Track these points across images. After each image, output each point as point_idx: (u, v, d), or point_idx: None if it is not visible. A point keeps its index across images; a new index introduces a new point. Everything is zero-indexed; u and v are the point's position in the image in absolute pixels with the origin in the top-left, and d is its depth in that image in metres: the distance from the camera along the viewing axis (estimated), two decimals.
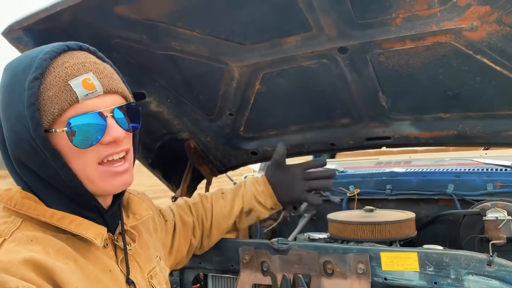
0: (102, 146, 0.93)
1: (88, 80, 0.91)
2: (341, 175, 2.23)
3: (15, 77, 0.92)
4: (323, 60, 1.61)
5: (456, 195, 1.83)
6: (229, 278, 1.66)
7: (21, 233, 0.88)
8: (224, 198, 1.58)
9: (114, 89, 0.96)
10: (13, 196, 0.93)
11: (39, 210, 0.92)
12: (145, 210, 1.18)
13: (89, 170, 0.93)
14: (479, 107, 1.67)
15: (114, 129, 0.93)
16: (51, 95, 0.88)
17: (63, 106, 0.89)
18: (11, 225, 0.90)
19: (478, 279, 1.19)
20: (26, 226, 0.91)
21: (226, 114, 1.96)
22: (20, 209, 0.91)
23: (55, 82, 0.89)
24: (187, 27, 1.53)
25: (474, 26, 1.35)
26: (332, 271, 1.38)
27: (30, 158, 0.91)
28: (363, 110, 1.83)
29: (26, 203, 0.92)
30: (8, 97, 0.92)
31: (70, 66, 0.91)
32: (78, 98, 0.89)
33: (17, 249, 0.84)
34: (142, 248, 1.15)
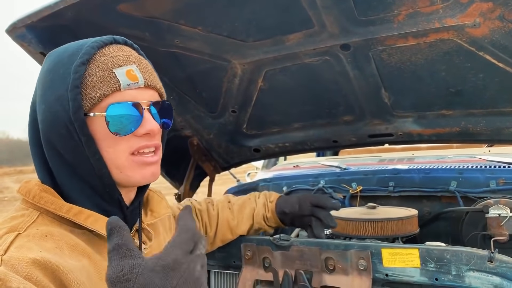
0: (136, 137, 0.94)
1: (132, 71, 0.94)
2: (343, 172, 2.23)
3: (60, 62, 0.94)
4: (326, 57, 1.61)
5: (459, 192, 1.83)
6: (231, 274, 1.67)
7: (36, 228, 0.88)
8: (231, 209, 1.58)
9: (153, 84, 0.98)
10: (32, 188, 0.93)
11: (56, 204, 0.92)
12: (164, 209, 1.18)
13: (120, 159, 0.94)
14: (482, 104, 1.67)
15: (149, 122, 0.95)
16: (94, 80, 0.91)
17: (105, 92, 0.91)
18: (28, 218, 0.90)
19: (479, 275, 1.19)
20: (43, 220, 0.91)
21: (229, 111, 1.97)
22: (38, 202, 0.92)
23: (100, 68, 0.92)
24: (189, 25, 1.54)
25: (476, 23, 1.35)
26: (334, 267, 1.38)
27: (63, 142, 0.91)
28: (366, 107, 1.83)
29: (44, 197, 0.92)
30: (50, 80, 0.93)
31: (116, 56, 0.94)
32: (121, 86, 0.92)
33: (28, 246, 0.84)
34: (159, 247, 1.14)
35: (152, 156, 0.98)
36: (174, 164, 2.23)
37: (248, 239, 1.57)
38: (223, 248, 1.62)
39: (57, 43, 1.48)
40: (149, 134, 0.95)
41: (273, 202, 1.59)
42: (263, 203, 1.60)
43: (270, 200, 1.60)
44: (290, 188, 2.23)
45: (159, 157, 1.01)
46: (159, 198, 1.21)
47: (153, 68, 1.05)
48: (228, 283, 1.69)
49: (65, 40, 1.47)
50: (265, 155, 2.26)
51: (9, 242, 0.83)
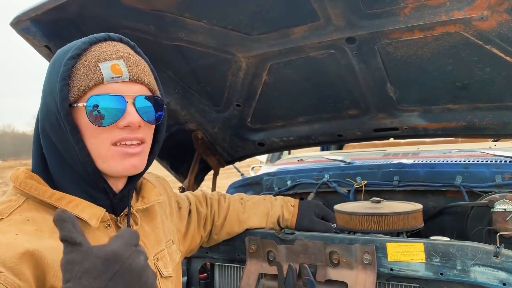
0: (118, 129, 0.98)
1: (117, 65, 0.98)
2: (348, 167, 2.22)
3: (57, 57, 1.01)
4: (331, 51, 1.60)
5: (464, 186, 1.82)
6: (236, 267, 1.67)
7: (19, 214, 0.93)
8: (243, 205, 1.61)
9: (140, 79, 1.01)
10: (19, 175, 0.99)
11: (39, 190, 0.96)
12: (155, 195, 1.20)
13: (102, 149, 0.98)
14: (489, 98, 1.65)
15: (130, 114, 0.98)
16: (81, 73, 0.96)
17: (88, 84, 0.96)
18: (14, 203, 0.95)
19: (485, 270, 1.18)
20: (28, 205, 0.96)
21: (234, 105, 1.97)
22: (24, 188, 0.97)
23: (87, 62, 0.97)
24: (194, 18, 1.53)
25: (484, 16, 1.33)
26: (338, 261, 1.38)
27: (54, 131, 0.98)
28: (371, 101, 1.82)
29: (28, 183, 0.97)
30: (48, 73, 1.01)
31: (105, 52, 0.99)
32: (104, 79, 0.96)
33: (6, 230, 0.89)
34: (153, 230, 1.18)
35: (134, 148, 1.00)
36: (178, 158, 2.24)
37: (252, 233, 1.57)
38: (227, 241, 1.62)
39: (62, 36, 1.49)
40: (130, 127, 0.98)
41: (295, 207, 1.64)
42: (281, 205, 1.64)
43: (291, 204, 1.65)
44: (294, 182, 2.23)
45: (145, 151, 1.05)
46: (151, 186, 1.23)
47: (146, 64, 1.08)
48: (232, 277, 1.69)
49: (69, 33, 1.48)
50: (270, 149, 2.26)
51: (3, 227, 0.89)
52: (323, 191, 2.14)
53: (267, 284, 1.47)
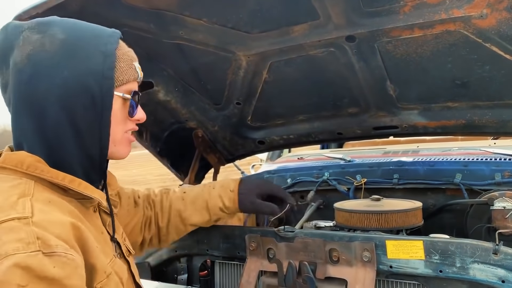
0: (130, 120, 1.10)
1: (139, 67, 1.12)
2: (348, 165, 2.23)
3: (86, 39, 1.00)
4: (331, 49, 1.60)
5: (463, 184, 1.83)
6: (236, 265, 1.68)
7: (39, 194, 0.93)
8: (185, 200, 1.56)
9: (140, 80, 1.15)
10: (24, 159, 0.96)
11: (52, 173, 0.96)
12: (116, 183, 1.29)
13: (118, 135, 1.07)
14: (488, 96, 1.66)
15: (141, 111, 1.13)
16: (122, 66, 1.05)
17: (129, 79, 1.06)
18: (27, 185, 0.93)
19: (484, 267, 1.19)
20: (38, 188, 0.95)
21: (234, 103, 1.97)
22: (33, 172, 0.95)
23: (125, 58, 1.06)
24: (194, 16, 1.54)
25: (483, 14, 1.33)
26: (338, 258, 1.39)
27: (83, 111, 0.98)
28: (371, 99, 1.82)
29: (39, 166, 0.96)
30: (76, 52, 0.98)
31: (129, 51, 1.10)
32: (138, 78, 1.10)
33: (46, 209, 0.89)
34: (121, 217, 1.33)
35: (133, 137, 1.15)
36: (179, 156, 2.24)
37: (252, 231, 1.58)
38: (227, 239, 1.63)
39: None
40: (139, 121, 1.13)
41: (234, 192, 1.56)
42: (219, 194, 1.56)
43: (230, 189, 1.57)
44: (294, 180, 2.23)
45: None
46: (111, 174, 1.27)
47: None
48: (232, 274, 1.70)
49: None
50: (270, 147, 2.26)
51: (29, 205, 0.88)
52: (323, 189, 2.15)
53: (267, 281, 1.47)
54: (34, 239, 0.81)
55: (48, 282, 0.79)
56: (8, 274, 0.76)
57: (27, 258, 0.78)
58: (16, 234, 0.81)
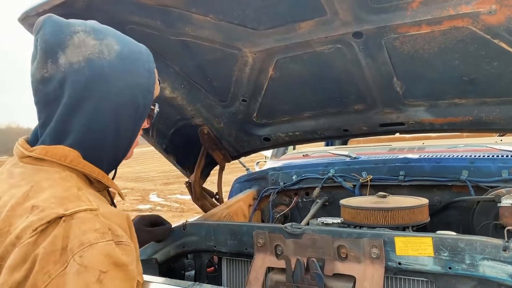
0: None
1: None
2: (354, 161, 2.23)
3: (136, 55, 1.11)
4: (338, 45, 1.60)
5: (470, 181, 1.82)
6: (243, 261, 1.68)
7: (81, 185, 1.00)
8: None
9: None
10: (68, 154, 1.01)
11: (91, 168, 1.04)
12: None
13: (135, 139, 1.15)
14: (496, 92, 1.65)
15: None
16: (154, 83, 1.14)
17: (156, 93, 1.16)
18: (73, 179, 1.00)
19: (494, 264, 1.19)
20: (77, 180, 1.01)
21: (239, 100, 1.97)
22: (76, 166, 1.01)
23: (155, 76, 1.15)
24: (201, 13, 1.53)
25: (492, 10, 1.33)
26: (346, 255, 1.39)
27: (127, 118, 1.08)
28: (377, 96, 1.82)
29: (81, 161, 1.02)
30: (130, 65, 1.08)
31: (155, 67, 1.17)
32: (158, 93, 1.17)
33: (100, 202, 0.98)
34: None
35: None
36: (184, 153, 2.24)
37: (260, 227, 1.58)
38: (235, 235, 1.63)
39: None
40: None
41: None
42: None
43: None
44: (299, 176, 2.23)
45: None
46: None
47: None
48: (240, 271, 1.70)
49: None
50: (275, 144, 2.26)
51: (90, 198, 0.96)
52: (328, 186, 2.15)
53: (275, 277, 1.48)
54: (106, 230, 0.90)
55: (120, 268, 0.88)
56: (94, 261, 0.84)
57: (106, 247, 0.87)
58: (92, 225, 0.89)
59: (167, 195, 11.80)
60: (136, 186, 14.76)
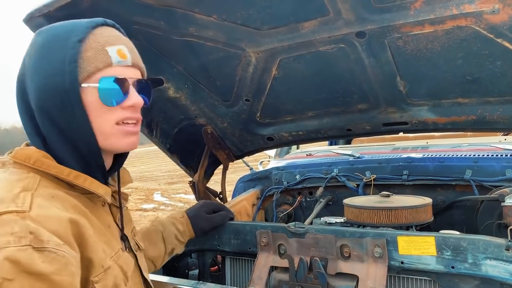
0: (121, 109, 1.05)
1: (121, 50, 1.05)
2: (357, 161, 2.23)
3: (56, 38, 1.02)
4: (341, 45, 1.60)
5: (474, 181, 1.82)
6: (247, 260, 1.69)
7: (42, 189, 0.96)
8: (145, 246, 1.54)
9: (138, 64, 1.10)
10: (32, 154, 1.01)
11: (58, 168, 1.00)
12: (129, 177, 1.28)
13: (106, 128, 1.04)
14: (499, 91, 1.65)
15: (135, 96, 1.06)
16: (89, 55, 1.01)
17: (98, 66, 1.01)
18: (33, 180, 0.97)
19: (496, 263, 1.19)
20: (44, 182, 0.98)
21: (243, 99, 1.97)
22: (40, 167, 0.99)
23: (94, 45, 1.01)
24: (204, 13, 1.54)
25: (495, 9, 1.33)
26: (349, 254, 1.39)
27: (58, 110, 1.00)
28: (381, 95, 1.82)
29: (45, 162, 1.00)
30: (46, 53, 1.01)
31: (108, 36, 1.05)
32: (112, 63, 1.03)
33: (46, 205, 0.92)
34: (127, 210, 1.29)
35: (134, 127, 1.09)
36: (188, 152, 2.25)
37: (263, 226, 1.59)
38: (238, 235, 1.64)
39: None
40: (133, 107, 1.06)
41: (184, 217, 1.63)
42: (172, 222, 1.60)
43: (180, 216, 1.63)
44: (303, 176, 2.24)
45: (139, 129, 1.13)
46: (124, 168, 1.29)
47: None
48: (243, 270, 1.71)
49: None
50: (279, 144, 2.26)
51: (29, 200, 0.90)
52: (332, 185, 2.16)
53: (278, 276, 1.48)
54: (26, 234, 0.82)
55: (35, 277, 0.80)
56: None
57: (16, 252, 0.80)
58: (10, 228, 0.83)
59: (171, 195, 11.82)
60: (140, 186, 14.80)
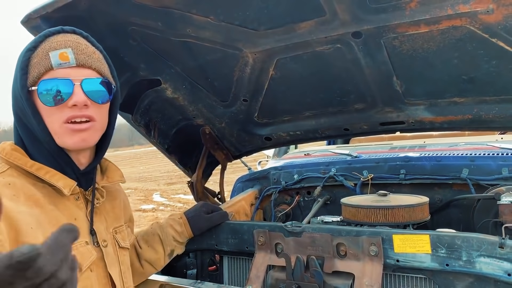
0: (68, 108, 1.11)
1: (65, 53, 1.12)
2: (355, 160, 2.24)
3: (21, 51, 1.15)
4: (337, 45, 1.61)
5: (470, 179, 1.83)
6: (244, 259, 1.70)
7: (2, 177, 1.08)
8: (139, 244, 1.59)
9: (87, 64, 1.15)
10: (5, 147, 1.15)
11: (22, 160, 1.12)
12: (118, 176, 1.36)
13: (56, 127, 1.12)
14: (495, 91, 1.66)
15: (77, 95, 1.11)
16: (35, 61, 1.11)
17: (40, 70, 1.10)
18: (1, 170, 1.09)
19: (490, 261, 1.20)
20: (11, 172, 1.10)
21: (240, 100, 1.98)
22: (9, 158, 1.12)
23: (40, 52, 1.12)
24: (201, 14, 1.55)
25: (490, 9, 1.34)
26: (345, 253, 1.40)
27: (21, 113, 1.14)
28: (377, 95, 1.83)
29: (13, 154, 1.13)
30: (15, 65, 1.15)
31: (55, 42, 1.13)
32: (52, 66, 1.10)
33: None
34: (113, 208, 1.35)
35: (82, 124, 1.14)
36: (186, 153, 2.26)
37: (260, 226, 1.60)
38: (236, 234, 1.65)
39: None
40: (77, 106, 1.11)
41: (183, 217, 1.65)
42: (169, 224, 1.63)
43: (178, 217, 1.66)
44: (301, 176, 2.25)
45: (91, 126, 1.16)
46: (116, 168, 1.39)
47: (97, 51, 1.20)
48: (241, 269, 1.72)
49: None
50: (277, 144, 2.28)
51: None
52: (329, 184, 2.16)
53: (275, 275, 1.49)
54: None
55: None
56: None
57: None
58: None
59: (170, 195, 11.83)
60: (139, 186, 14.81)
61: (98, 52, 1.21)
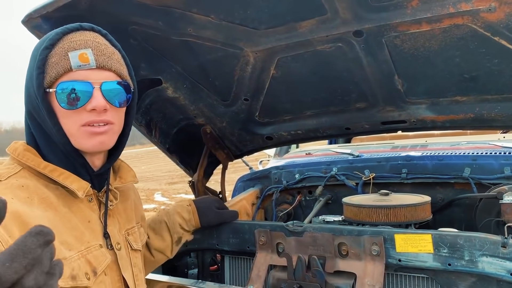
0: (86, 112, 1.08)
1: (85, 54, 1.08)
2: (356, 160, 2.23)
3: (35, 48, 1.12)
4: (338, 44, 1.60)
5: (472, 178, 1.82)
6: (246, 259, 1.70)
7: (15, 179, 1.06)
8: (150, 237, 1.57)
9: (107, 66, 1.11)
10: (18, 147, 1.12)
11: (35, 161, 1.09)
12: (131, 177, 1.33)
13: (73, 130, 1.09)
14: (497, 89, 1.65)
15: (96, 99, 1.08)
16: (53, 61, 1.07)
17: (59, 71, 1.06)
18: (11, 170, 1.08)
19: (493, 260, 1.20)
20: (24, 173, 1.08)
21: (241, 99, 1.98)
22: (22, 159, 1.09)
23: (59, 51, 1.08)
24: (202, 13, 1.55)
25: (492, 7, 1.33)
26: (347, 252, 1.40)
27: (36, 113, 1.11)
28: (379, 94, 1.82)
29: (26, 154, 1.10)
30: (29, 62, 1.12)
31: (74, 41, 1.09)
32: (72, 67, 1.06)
33: (4, 192, 1.00)
34: (125, 210, 1.32)
35: (100, 127, 1.11)
36: (187, 152, 2.26)
37: (262, 225, 1.59)
38: (237, 234, 1.65)
39: None
40: (96, 110, 1.08)
41: (192, 205, 1.64)
42: (177, 211, 1.62)
43: (187, 204, 1.65)
44: (302, 175, 2.24)
45: (110, 129, 1.14)
46: (128, 168, 1.36)
47: (118, 53, 1.17)
48: (242, 268, 1.72)
49: None
50: (278, 143, 2.27)
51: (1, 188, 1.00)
52: (331, 184, 2.16)
53: (276, 275, 1.49)
54: None
55: None
56: None
57: None
58: None
59: (172, 195, 11.84)
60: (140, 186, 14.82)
61: (117, 52, 1.18)
